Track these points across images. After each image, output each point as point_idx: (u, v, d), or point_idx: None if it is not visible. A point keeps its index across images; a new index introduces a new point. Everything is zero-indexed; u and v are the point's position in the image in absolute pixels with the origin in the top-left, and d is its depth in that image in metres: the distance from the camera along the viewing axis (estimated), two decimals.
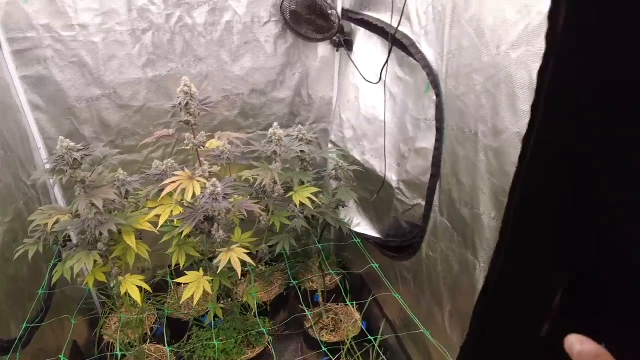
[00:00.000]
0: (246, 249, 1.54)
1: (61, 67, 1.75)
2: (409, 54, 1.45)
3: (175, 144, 2.02)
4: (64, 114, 1.83)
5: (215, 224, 1.54)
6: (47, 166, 1.41)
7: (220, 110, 2.03)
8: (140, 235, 1.64)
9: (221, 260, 1.44)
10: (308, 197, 1.63)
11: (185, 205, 1.49)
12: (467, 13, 1.17)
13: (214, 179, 1.41)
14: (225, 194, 1.43)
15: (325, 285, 2.20)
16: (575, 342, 0.33)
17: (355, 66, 1.82)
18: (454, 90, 1.28)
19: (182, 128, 1.58)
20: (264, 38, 1.93)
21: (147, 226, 1.52)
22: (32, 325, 1.57)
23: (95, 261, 1.46)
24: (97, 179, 1.53)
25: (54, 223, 1.47)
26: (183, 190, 1.45)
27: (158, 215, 1.52)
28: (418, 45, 1.42)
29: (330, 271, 1.98)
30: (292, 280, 1.98)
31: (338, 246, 2.33)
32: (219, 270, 1.49)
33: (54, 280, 1.49)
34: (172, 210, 1.53)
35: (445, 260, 1.43)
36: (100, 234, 1.41)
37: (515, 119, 1.03)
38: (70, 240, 1.79)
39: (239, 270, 1.43)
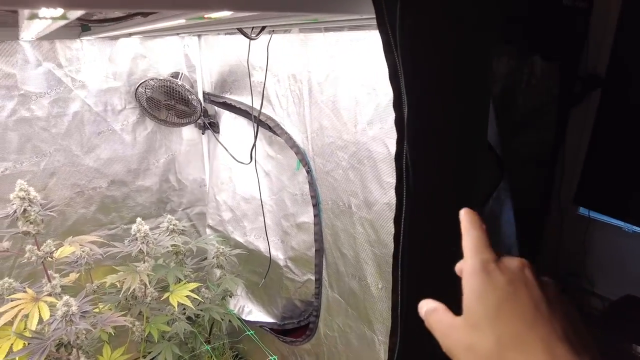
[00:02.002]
0: None
1: None
2: (276, 134, 1.47)
3: (18, 255, 1.68)
4: None
5: (75, 351, 1.27)
6: None
7: (75, 209, 1.77)
8: None
9: None
10: (187, 296, 1.46)
11: (30, 335, 1.20)
12: (323, 95, 1.23)
13: (66, 297, 1.17)
14: (83, 311, 1.20)
15: None
16: (422, 305, 0.41)
17: (225, 148, 1.78)
18: (323, 167, 1.31)
19: (23, 237, 1.33)
20: (120, 127, 1.78)
21: None
22: None
23: None
24: None
25: None
26: (26, 317, 1.18)
27: None
28: (283, 126, 1.44)
29: None
30: None
31: (233, 338, 2.13)
32: None
33: None
34: (12, 345, 1.22)
35: (344, 337, 1.38)
36: None
37: (383, 191, 1.07)
38: None
39: None
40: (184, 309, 1.56)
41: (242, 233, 1.84)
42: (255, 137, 1.49)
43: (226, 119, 1.84)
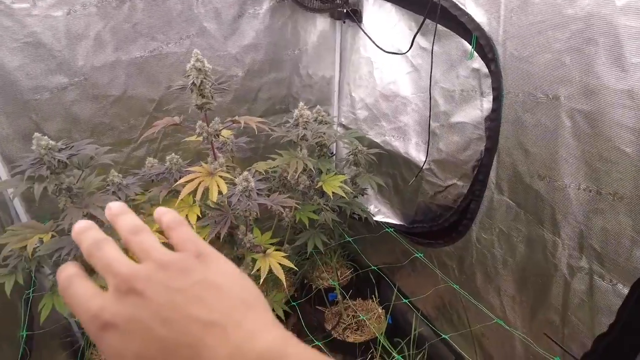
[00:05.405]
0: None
1: (12, 49, 1.39)
2: (450, 17, 1.30)
3: (162, 138, 1.72)
4: (19, 110, 1.47)
5: (243, 227, 1.31)
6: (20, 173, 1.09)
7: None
8: None
9: (261, 268, 1.21)
10: (340, 187, 1.44)
11: (213, 206, 1.23)
12: None
13: (245, 173, 1.17)
14: (259, 189, 1.20)
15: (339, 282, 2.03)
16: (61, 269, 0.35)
17: (371, 38, 1.65)
18: (517, 53, 1.15)
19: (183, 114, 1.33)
20: (260, 11, 1.68)
21: (160, 239, 1.24)
22: None
23: None
24: (84, 185, 1.22)
25: (36, 246, 1.15)
26: (204, 190, 1.20)
27: None
28: (463, 7, 1.27)
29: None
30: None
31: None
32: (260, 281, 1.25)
33: (43, 317, 1.17)
34: (187, 215, 1.27)
35: (506, 241, 1.32)
36: None
37: (622, 75, 0.92)
38: (42, 266, 1.44)
39: (284, 278, 1.22)
40: (327, 201, 1.56)
41: (379, 132, 1.76)
42: (423, 20, 1.34)
43: (370, 6, 1.68)
